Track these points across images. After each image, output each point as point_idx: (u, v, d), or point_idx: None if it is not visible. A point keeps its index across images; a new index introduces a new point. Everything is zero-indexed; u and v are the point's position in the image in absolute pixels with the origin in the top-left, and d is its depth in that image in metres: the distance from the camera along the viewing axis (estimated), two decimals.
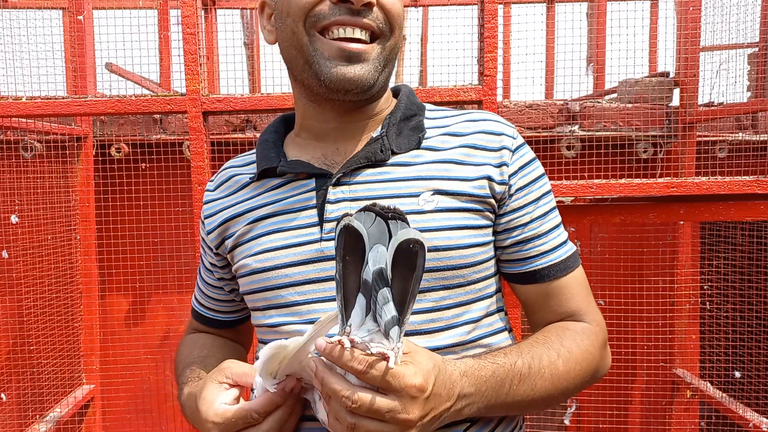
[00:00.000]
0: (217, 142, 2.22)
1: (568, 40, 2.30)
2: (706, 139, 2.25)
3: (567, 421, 2.22)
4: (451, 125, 0.85)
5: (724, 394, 2.08)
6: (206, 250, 0.96)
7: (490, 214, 0.81)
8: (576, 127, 2.16)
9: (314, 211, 0.80)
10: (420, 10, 3.14)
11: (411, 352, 0.64)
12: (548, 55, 2.81)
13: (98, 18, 2.18)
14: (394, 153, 0.82)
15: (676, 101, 2.13)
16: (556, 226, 0.85)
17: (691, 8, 2.00)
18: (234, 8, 2.99)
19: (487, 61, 1.52)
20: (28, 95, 1.87)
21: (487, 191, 0.80)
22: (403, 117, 0.85)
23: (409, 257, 0.59)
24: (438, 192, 0.79)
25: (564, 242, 0.85)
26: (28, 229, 2.07)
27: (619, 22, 2.25)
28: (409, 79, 3.38)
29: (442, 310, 0.77)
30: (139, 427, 2.36)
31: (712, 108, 2.12)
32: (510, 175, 0.81)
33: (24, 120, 1.95)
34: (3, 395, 2.08)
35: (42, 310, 2.10)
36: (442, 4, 2.98)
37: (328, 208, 0.79)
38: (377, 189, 0.80)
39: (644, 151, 2.18)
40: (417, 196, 0.78)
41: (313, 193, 0.81)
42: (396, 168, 0.81)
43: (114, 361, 2.32)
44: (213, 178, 0.97)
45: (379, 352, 0.60)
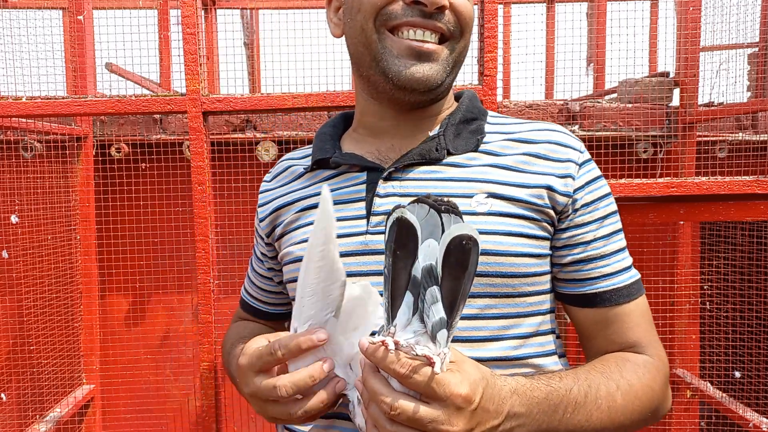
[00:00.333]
0: (217, 142, 2.22)
1: (568, 40, 2.30)
2: (706, 139, 2.25)
3: None
4: (515, 132, 0.82)
5: (724, 394, 2.08)
6: (258, 240, 0.96)
7: (549, 226, 0.77)
8: (576, 127, 2.16)
9: (362, 204, 0.79)
10: None
11: (457, 361, 0.60)
12: (548, 55, 2.81)
13: (98, 18, 2.18)
14: (450, 154, 0.80)
15: (676, 101, 2.13)
16: (621, 249, 0.81)
17: (691, 8, 2.00)
18: (234, 8, 2.99)
19: (487, 61, 1.52)
20: (28, 95, 1.87)
21: (547, 201, 0.76)
22: (463, 119, 0.83)
23: (462, 254, 0.54)
24: (492, 195, 0.75)
25: (629, 267, 0.80)
26: (28, 229, 2.07)
27: (619, 22, 2.25)
28: None
29: (487, 319, 0.74)
30: (139, 427, 2.36)
31: (712, 108, 2.12)
32: (575, 189, 0.77)
33: (24, 120, 1.95)
34: (3, 395, 2.08)
35: (42, 310, 2.09)
36: None
37: (377, 202, 0.78)
38: (428, 186, 0.77)
39: (644, 151, 2.18)
40: (470, 197, 0.75)
41: (363, 186, 0.81)
42: (450, 168, 0.79)
43: (114, 361, 2.32)
44: (271, 170, 0.98)
45: (425, 355, 0.55)
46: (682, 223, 2.17)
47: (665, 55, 2.34)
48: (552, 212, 0.76)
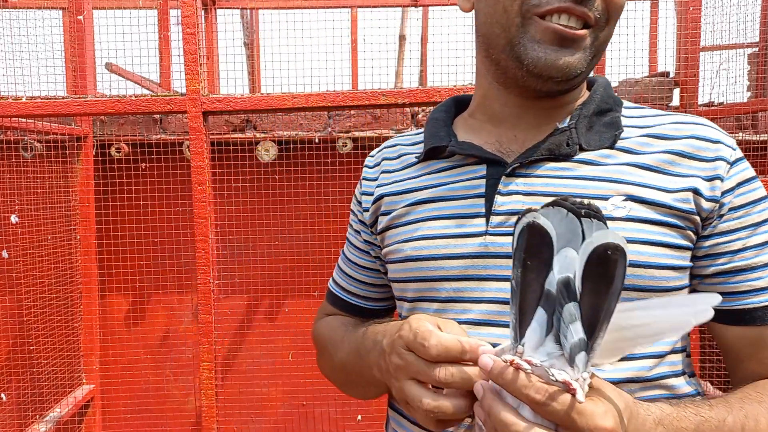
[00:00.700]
0: (217, 142, 2.22)
1: None
2: None
3: None
4: (654, 126, 0.73)
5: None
6: (362, 228, 0.87)
7: (693, 234, 0.68)
8: None
9: (481, 201, 0.72)
10: (420, 10, 3.14)
11: (597, 387, 0.53)
12: None
13: (98, 18, 2.18)
14: (582, 149, 0.71)
15: (676, 101, 2.13)
16: None
17: (691, 8, 2.00)
18: (234, 8, 2.99)
19: None
20: (28, 95, 1.87)
21: (692, 206, 0.67)
22: (597, 110, 0.75)
23: (607, 267, 0.47)
24: (631, 198, 0.67)
25: None
26: (28, 229, 2.07)
27: (619, 22, 2.25)
28: (409, 79, 3.38)
29: None
30: (138, 427, 2.36)
31: (712, 108, 2.12)
32: (724, 192, 0.68)
33: (24, 120, 1.95)
34: (3, 395, 2.08)
35: (42, 310, 2.10)
36: (442, 4, 2.98)
37: (498, 200, 0.70)
38: (558, 185, 0.69)
39: None
40: (605, 199, 0.67)
41: (483, 181, 0.73)
42: (582, 166, 0.70)
43: (114, 361, 2.32)
44: (373, 153, 0.89)
45: (564, 380, 0.48)
46: None
47: (665, 54, 2.34)
48: (697, 218, 0.68)
